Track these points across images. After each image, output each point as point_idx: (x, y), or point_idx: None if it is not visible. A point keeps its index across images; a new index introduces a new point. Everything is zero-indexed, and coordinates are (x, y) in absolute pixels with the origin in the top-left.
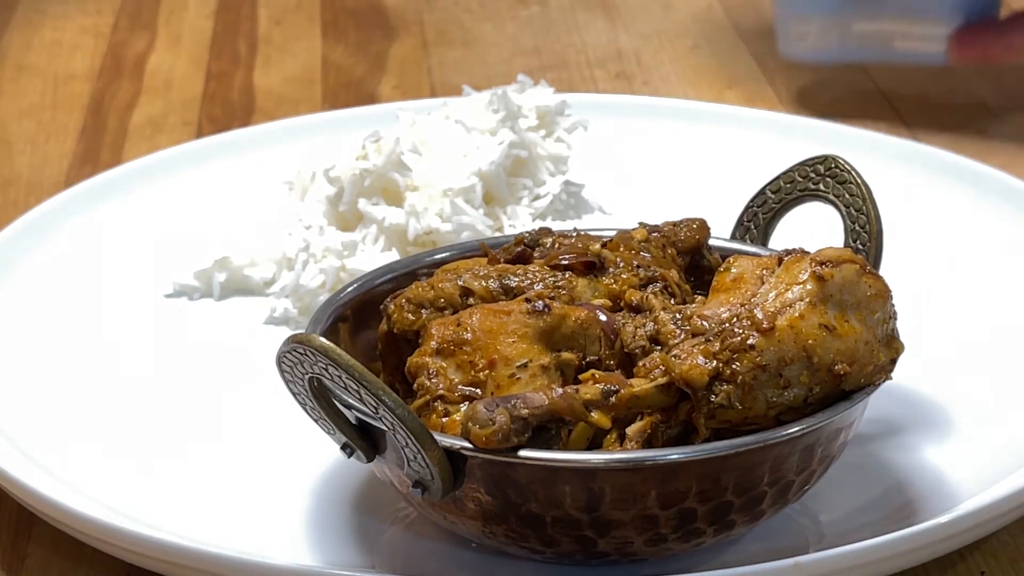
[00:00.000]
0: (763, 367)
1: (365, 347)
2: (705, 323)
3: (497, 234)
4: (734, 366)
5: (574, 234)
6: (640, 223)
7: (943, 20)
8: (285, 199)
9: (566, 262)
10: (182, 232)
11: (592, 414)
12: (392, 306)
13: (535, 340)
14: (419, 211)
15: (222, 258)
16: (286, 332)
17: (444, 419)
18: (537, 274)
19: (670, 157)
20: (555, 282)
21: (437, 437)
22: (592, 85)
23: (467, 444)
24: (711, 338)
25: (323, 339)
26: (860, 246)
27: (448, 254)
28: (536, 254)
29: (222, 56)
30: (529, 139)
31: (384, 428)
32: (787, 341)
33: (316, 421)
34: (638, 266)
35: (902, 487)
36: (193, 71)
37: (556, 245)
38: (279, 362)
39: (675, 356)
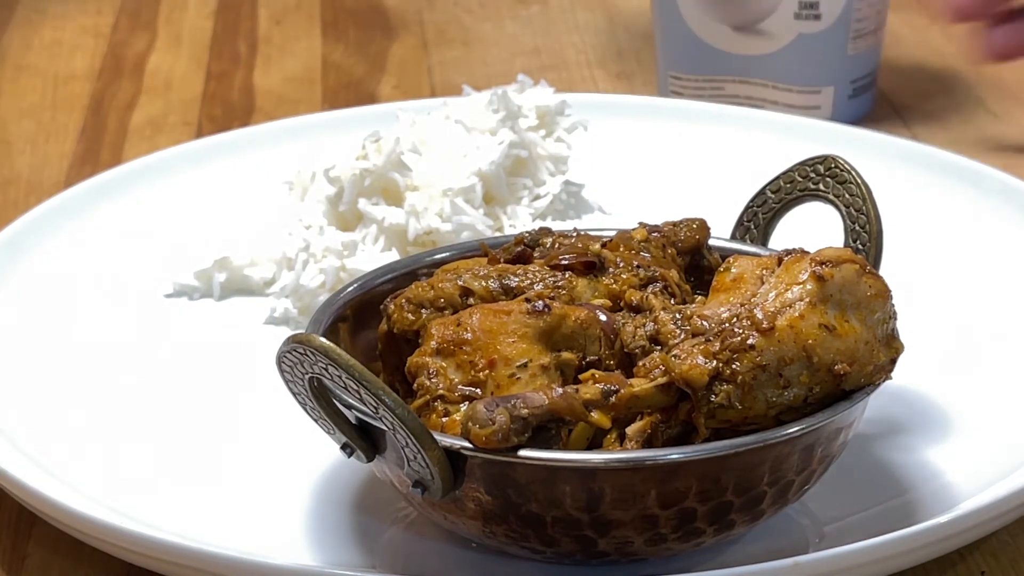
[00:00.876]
0: (763, 367)
1: (365, 347)
2: (705, 323)
3: (497, 234)
4: (734, 366)
5: (574, 234)
6: (640, 223)
7: (818, 89)
8: (285, 199)
9: (566, 262)
10: (182, 232)
11: (592, 414)
12: (392, 306)
13: (535, 340)
14: (419, 211)
15: (222, 258)
16: (286, 332)
17: (444, 419)
18: (537, 274)
19: (670, 157)
20: (555, 282)
21: (437, 437)
22: (592, 85)
23: (467, 444)
24: (711, 338)
25: (323, 339)
26: (860, 246)
27: (448, 254)
28: (536, 254)
29: (222, 56)
30: (529, 139)
31: (384, 428)
32: (787, 341)
33: (316, 421)
34: (638, 266)
35: (902, 487)
36: (193, 71)
37: (556, 245)
38: (279, 362)
39: (675, 356)
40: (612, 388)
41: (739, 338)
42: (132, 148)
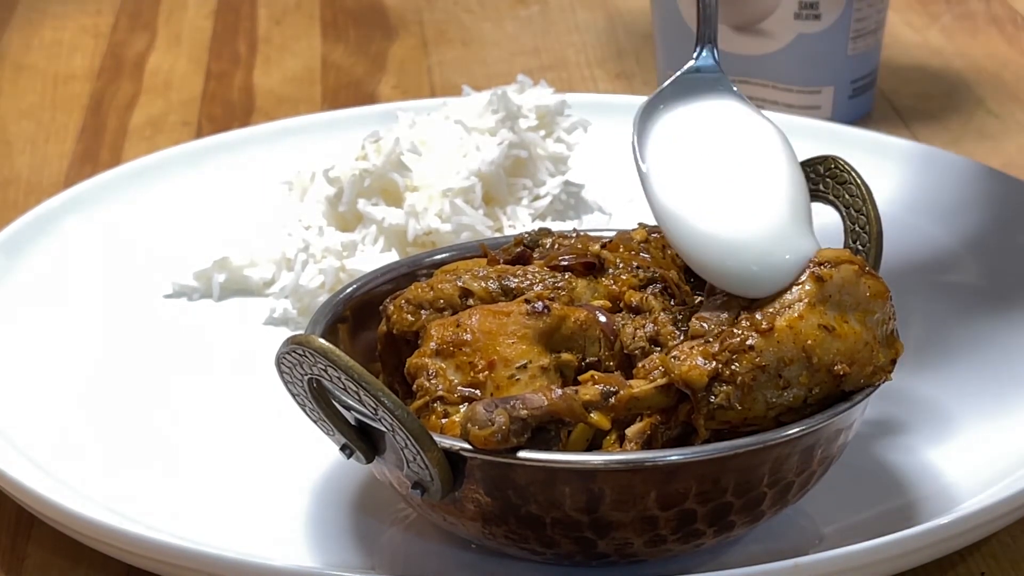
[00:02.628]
0: (762, 368)
1: (364, 348)
2: (704, 324)
3: (497, 235)
4: (733, 367)
5: (574, 235)
6: (640, 223)
7: (818, 89)
8: (285, 199)
9: (566, 263)
10: (182, 232)
11: (591, 415)
12: (391, 307)
13: (535, 341)
14: (419, 211)
15: (222, 258)
16: (286, 333)
17: (444, 420)
18: (537, 275)
19: None
20: (555, 283)
21: (436, 438)
22: (592, 85)
23: (466, 445)
24: (710, 339)
25: (322, 340)
26: (860, 247)
27: (448, 255)
28: (536, 255)
29: (222, 56)
30: (529, 139)
31: (383, 429)
32: (786, 342)
33: (315, 422)
34: (637, 267)
35: (902, 488)
36: (193, 71)
37: (556, 246)
38: (278, 363)
39: (674, 357)
40: (611, 389)
41: (738, 339)
42: (132, 148)
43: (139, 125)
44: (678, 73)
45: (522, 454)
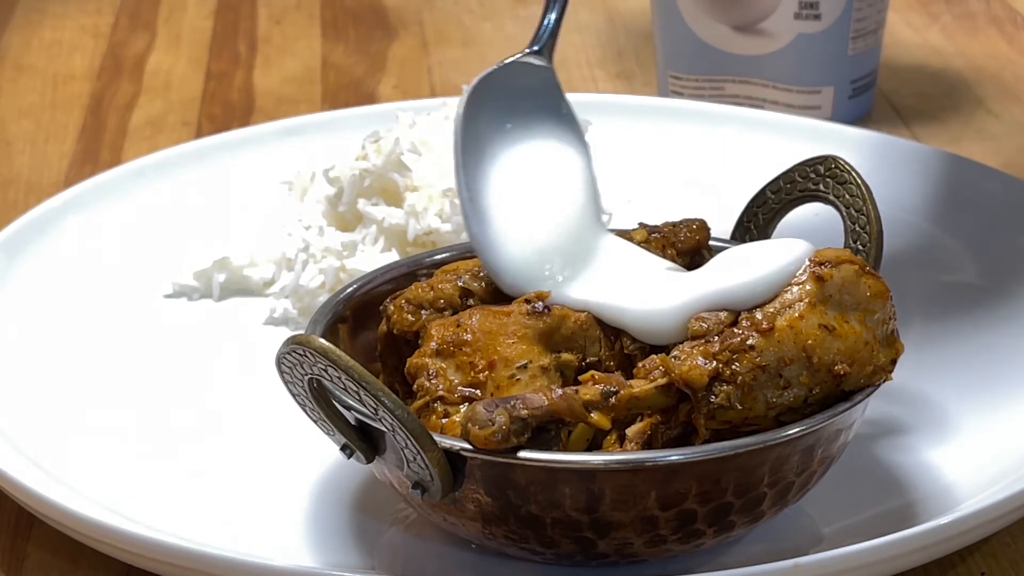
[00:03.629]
0: (763, 367)
1: (365, 348)
2: (704, 324)
3: None
4: (734, 367)
5: None
6: (640, 224)
7: (818, 89)
8: (285, 199)
9: None
10: (182, 232)
11: (592, 415)
12: (392, 307)
13: (535, 341)
14: (419, 211)
15: (222, 258)
16: (286, 332)
17: (444, 420)
18: None
19: (670, 157)
20: None
21: (437, 438)
22: (592, 85)
23: (467, 445)
24: (711, 339)
25: (323, 340)
26: (860, 247)
27: (448, 255)
28: None
29: (222, 56)
30: None
31: (384, 429)
32: (787, 341)
33: (315, 422)
34: None
35: (902, 488)
36: (193, 71)
37: None
38: (279, 363)
39: (675, 357)
40: (612, 389)
41: (739, 339)
42: (132, 148)
43: (139, 125)
44: (510, 59)
45: (522, 454)
